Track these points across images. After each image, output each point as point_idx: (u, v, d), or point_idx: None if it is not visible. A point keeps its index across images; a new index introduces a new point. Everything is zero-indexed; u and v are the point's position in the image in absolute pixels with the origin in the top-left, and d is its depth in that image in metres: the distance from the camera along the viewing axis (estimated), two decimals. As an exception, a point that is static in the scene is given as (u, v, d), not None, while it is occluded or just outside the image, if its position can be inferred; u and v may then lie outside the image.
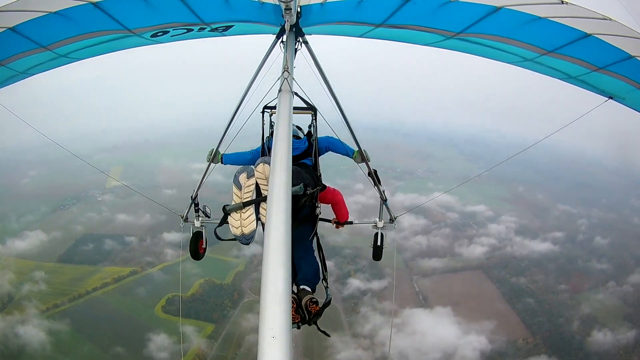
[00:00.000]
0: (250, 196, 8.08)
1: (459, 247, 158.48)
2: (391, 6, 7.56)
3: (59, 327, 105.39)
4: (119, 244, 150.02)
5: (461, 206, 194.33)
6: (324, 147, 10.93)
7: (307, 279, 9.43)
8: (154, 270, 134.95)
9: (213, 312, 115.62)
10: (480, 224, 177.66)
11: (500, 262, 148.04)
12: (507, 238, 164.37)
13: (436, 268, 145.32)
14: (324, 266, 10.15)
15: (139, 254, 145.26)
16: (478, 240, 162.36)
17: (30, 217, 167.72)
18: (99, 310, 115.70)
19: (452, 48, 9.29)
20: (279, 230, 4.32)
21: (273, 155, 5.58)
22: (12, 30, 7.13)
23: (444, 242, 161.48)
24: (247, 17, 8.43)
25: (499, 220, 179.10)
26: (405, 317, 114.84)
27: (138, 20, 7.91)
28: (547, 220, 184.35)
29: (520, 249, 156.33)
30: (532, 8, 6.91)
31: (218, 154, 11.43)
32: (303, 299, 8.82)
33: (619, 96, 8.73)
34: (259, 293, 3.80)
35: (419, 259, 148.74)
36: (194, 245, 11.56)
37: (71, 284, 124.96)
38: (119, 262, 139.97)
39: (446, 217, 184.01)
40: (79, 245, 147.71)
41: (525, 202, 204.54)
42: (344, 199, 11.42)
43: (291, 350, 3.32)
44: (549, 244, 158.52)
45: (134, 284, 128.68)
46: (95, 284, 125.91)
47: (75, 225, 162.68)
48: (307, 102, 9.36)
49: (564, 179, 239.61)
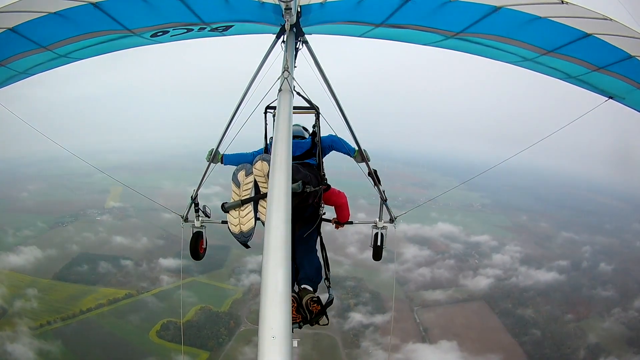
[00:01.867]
0: (248, 194, 8.15)
1: (464, 279, 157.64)
2: (391, 6, 7.66)
3: (49, 348, 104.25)
4: (115, 266, 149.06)
5: (465, 236, 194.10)
6: (327, 146, 11.02)
7: (308, 277, 9.62)
8: (150, 295, 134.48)
9: (208, 340, 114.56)
10: (485, 254, 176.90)
11: (506, 293, 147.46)
12: (512, 268, 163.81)
13: (440, 300, 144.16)
14: (327, 265, 10.23)
15: (134, 277, 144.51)
16: (483, 271, 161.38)
17: (26, 232, 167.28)
18: (93, 331, 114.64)
19: (452, 48, 9.37)
20: (279, 229, 4.38)
21: (273, 155, 5.62)
22: (12, 30, 7.26)
23: (448, 273, 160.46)
24: (247, 17, 8.54)
25: (504, 250, 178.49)
26: (408, 353, 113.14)
27: (138, 20, 8.03)
28: (551, 248, 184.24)
29: (525, 279, 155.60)
30: (532, 8, 7.01)
31: (218, 154, 11.50)
32: (304, 298, 8.98)
33: (619, 96, 8.82)
34: (259, 293, 3.83)
35: (422, 291, 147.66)
36: (194, 245, 11.61)
37: (65, 303, 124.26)
38: (114, 284, 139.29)
39: (450, 247, 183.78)
40: (75, 264, 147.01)
41: (529, 230, 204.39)
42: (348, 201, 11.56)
43: (291, 351, 3.37)
44: (555, 273, 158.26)
45: (129, 307, 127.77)
46: (90, 305, 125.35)
47: (71, 244, 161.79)
48: (310, 101, 9.46)
49: (566, 206, 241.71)
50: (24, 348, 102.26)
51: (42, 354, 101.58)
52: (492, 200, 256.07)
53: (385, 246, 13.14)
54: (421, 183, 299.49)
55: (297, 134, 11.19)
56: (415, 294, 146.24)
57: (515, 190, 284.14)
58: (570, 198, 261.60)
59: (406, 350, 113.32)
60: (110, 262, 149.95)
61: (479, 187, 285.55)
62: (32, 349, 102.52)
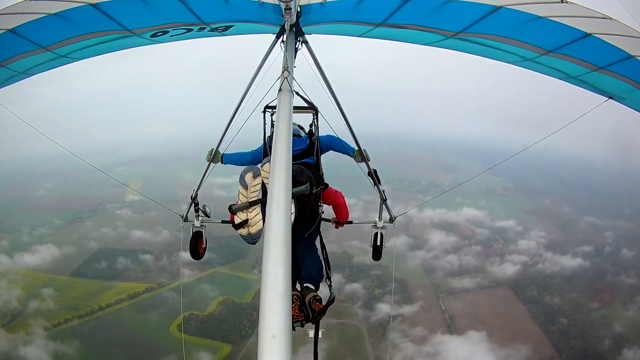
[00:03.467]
0: (256, 196, 8.12)
1: (491, 265, 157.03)
2: (391, 6, 7.71)
3: (65, 350, 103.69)
4: (134, 260, 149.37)
5: (490, 221, 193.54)
6: (325, 145, 11.12)
7: (310, 277, 9.71)
8: (170, 289, 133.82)
9: (231, 333, 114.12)
10: (511, 240, 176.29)
11: (532, 280, 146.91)
12: (537, 254, 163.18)
13: (467, 288, 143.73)
14: (328, 265, 10.29)
15: (154, 271, 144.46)
16: (509, 257, 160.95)
17: (42, 231, 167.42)
18: (112, 328, 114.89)
19: (452, 48, 9.41)
20: (279, 229, 4.42)
21: (273, 155, 5.69)
22: (12, 31, 7.34)
23: (475, 260, 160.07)
24: (247, 17, 8.62)
25: (529, 236, 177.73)
26: (436, 345, 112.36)
27: (138, 20, 8.10)
28: (574, 233, 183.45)
29: (551, 265, 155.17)
30: (532, 7, 7.03)
31: (218, 153, 11.73)
32: (306, 297, 9.06)
33: (619, 96, 8.82)
34: (260, 293, 3.89)
35: (449, 279, 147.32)
36: (193, 245, 11.91)
37: (84, 299, 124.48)
38: (134, 278, 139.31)
39: (476, 233, 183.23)
40: (93, 260, 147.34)
41: (552, 215, 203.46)
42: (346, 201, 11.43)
43: (291, 350, 3.40)
44: (580, 259, 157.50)
45: (150, 301, 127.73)
46: (109, 300, 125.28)
47: (89, 240, 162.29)
48: (309, 101, 9.57)
49: (587, 189, 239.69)
50: (38, 351, 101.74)
51: (57, 357, 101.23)
52: (514, 184, 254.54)
53: (385, 246, 13.09)
54: (444, 167, 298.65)
55: (293, 133, 11.02)
56: (442, 281, 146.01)
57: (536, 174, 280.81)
58: (590, 181, 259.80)
59: (434, 342, 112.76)
60: (130, 257, 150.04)
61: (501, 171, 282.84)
62: (47, 351, 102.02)
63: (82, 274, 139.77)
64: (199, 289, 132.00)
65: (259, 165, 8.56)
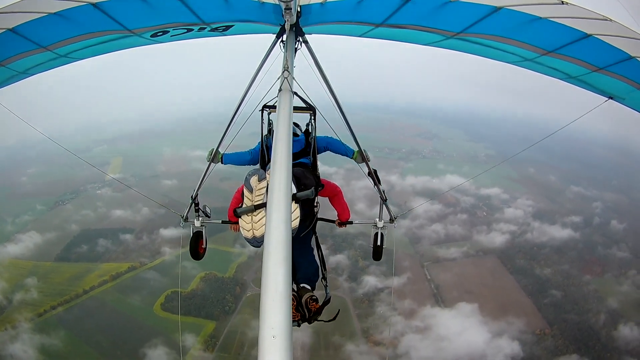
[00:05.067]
0: (261, 199, 8.21)
1: (478, 234, 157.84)
2: (391, 6, 7.79)
3: (51, 341, 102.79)
4: (115, 241, 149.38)
5: (475, 189, 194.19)
6: (322, 146, 11.28)
7: (307, 277, 9.86)
8: (152, 266, 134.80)
9: (214, 309, 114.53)
10: (497, 208, 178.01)
11: (520, 249, 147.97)
12: (525, 223, 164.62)
13: (455, 258, 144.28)
14: (323, 265, 10.49)
15: (136, 250, 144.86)
16: (497, 226, 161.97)
17: (25, 218, 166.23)
18: (97, 312, 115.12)
19: (452, 48, 9.52)
20: (279, 229, 4.47)
21: (273, 155, 5.72)
22: (12, 31, 7.41)
23: (461, 229, 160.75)
24: (247, 16, 8.70)
25: (516, 204, 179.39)
26: (425, 318, 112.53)
27: (138, 20, 8.19)
28: (562, 203, 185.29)
29: (540, 235, 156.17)
30: (532, 8, 7.10)
31: (218, 153, 11.80)
32: (303, 297, 9.24)
33: (619, 96, 8.93)
34: (260, 290, 3.94)
35: (436, 248, 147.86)
36: (194, 245, 12.00)
37: (68, 284, 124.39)
38: (116, 258, 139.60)
39: (461, 201, 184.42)
40: (75, 244, 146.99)
41: (538, 184, 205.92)
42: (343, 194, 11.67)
43: (291, 350, 3.43)
44: (570, 230, 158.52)
45: (132, 281, 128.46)
46: (93, 283, 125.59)
47: (70, 223, 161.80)
48: (307, 101, 9.70)
49: (571, 158, 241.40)
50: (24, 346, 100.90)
51: (44, 350, 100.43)
52: (496, 151, 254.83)
53: (385, 246, 13.34)
54: (426, 134, 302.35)
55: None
56: (427, 250, 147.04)
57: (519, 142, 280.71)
58: (575, 151, 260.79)
59: (424, 316, 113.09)
60: (110, 238, 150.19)
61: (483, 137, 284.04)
62: (32, 345, 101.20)
63: (65, 258, 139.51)
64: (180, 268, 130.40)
65: (264, 170, 8.92)
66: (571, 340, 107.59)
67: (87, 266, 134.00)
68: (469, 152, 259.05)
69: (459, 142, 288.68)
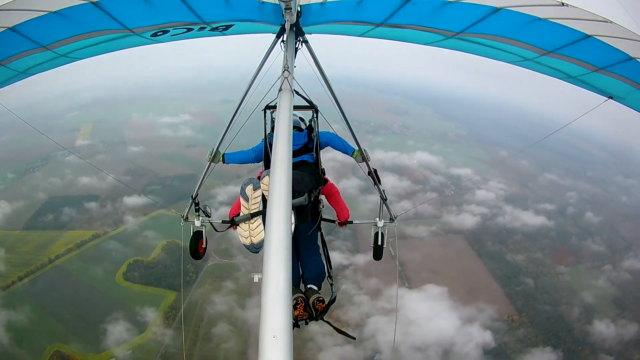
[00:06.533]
0: (257, 207, 8.54)
1: (448, 215, 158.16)
2: (391, 6, 7.83)
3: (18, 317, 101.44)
4: (80, 208, 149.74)
5: (445, 168, 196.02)
6: (323, 142, 11.39)
7: (313, 277, 10.26)
8: (114, 235, 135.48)
9: (175, 279, 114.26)
10: (467, 189, 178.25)
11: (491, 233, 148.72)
12: (496, 206, 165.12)
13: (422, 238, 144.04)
14: (329, 263, 10.82)
15: (99, 218, 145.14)
16: (468, 207, 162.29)
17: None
18: (62, 281, 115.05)
19: (452, 47, 9.56)
20: (280, 229, 4.49)
21: (273, 155, 5.75)
22: (12, 30, 7.30)
23: (431, 209, 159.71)
24: (247, 16, 8.66)
25: (487, 186, 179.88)
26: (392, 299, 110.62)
27: (138, 19, 8.14)
28: (535, 190, 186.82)
29: (512, 220, 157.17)
30: (532, 9, 7.17)
31: (219, 153, 11.70)
32: (311, 298, 9.58)
33: (619, 96, 8.99)
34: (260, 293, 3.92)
35: (403, 225, 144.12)
36: (194, 245, 11.93)
37: (35, 253, 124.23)
38: (82, 226, 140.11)
39: (430, 179, 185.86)
40: (43, 211, 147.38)
41: (510, 168, 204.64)
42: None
43: (292, 350, 3.42)
44: (543, 218, 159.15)
45: (96, 249, 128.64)
46: (58, 251, 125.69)
47: (38, 191, 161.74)
48: (309, 100, 9.66)
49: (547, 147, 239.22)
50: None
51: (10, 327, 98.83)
52: (467, 132, 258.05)
53: (386, 245, 13.33)
54: (395, 109, 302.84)
55: (294, 125, 11.41)
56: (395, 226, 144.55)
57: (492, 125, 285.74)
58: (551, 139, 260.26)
59: (390, 296, 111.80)
60: (75, 206, 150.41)
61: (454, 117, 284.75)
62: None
63: (32, 227, 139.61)
64: (142, 237, 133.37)
65: (258, 179, 8.95)
66: (540, 329, 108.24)
67: (53, 234, 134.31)
68: (439, 130, 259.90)
69: (429, 120, 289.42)
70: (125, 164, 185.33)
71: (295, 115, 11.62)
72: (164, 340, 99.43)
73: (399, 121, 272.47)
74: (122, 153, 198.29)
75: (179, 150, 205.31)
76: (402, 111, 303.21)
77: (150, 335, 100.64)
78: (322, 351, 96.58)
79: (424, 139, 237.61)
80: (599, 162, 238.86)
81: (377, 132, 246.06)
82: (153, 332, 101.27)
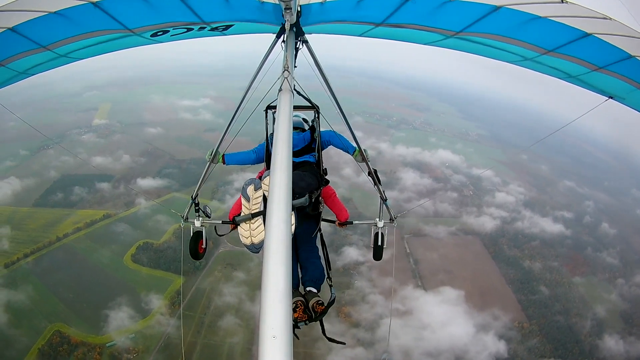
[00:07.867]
0: (258, 208, 8.61)
1: (467, 216, 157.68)
2: (391, 5, 7.89)
3: (19, 297, 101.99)
4: (91, 189, 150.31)
5: (466, 167, 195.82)
6: (325, 141, 11.60)
7: (313, 280, 10.32)
8: (126, 215, 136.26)
9: (185, 264, 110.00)
10: (487, 190, 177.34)
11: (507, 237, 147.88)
12: (516, 210, 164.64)
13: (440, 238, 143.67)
14: (328, 264, 10.87)
15: (112, 198, 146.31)
16: (488, 210, 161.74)
17: (7, 163, 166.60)
18: (68, 261, 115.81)
19: (452, 47, 9.60)
20: (280, 229, 4.46)
21: (273, 155, 5.72)
22: (12, 30, 7.43)
23: (451, 208, 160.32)
24: (247, 16, 8.77)
25: (507, 190, 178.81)
26: (406, 301, 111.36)
27: (138, 19, 8.25)
28: (554, 196, 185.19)
29: (531, 225, 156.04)
30: (532, 7, 7.20)
31: (218, 154, 11.91)
32: (310, 301, 9.71)
33: (619, 96, 9.03)
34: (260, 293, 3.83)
35: (422, 224, 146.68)
36: (193, 245, 11.98)
37: (43, 230, 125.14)
38: (93, 205, 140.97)
39: (451, 178, 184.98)
40: (54, 189, 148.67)
41: (530, 172, 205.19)
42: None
43: (291, 350, 3.41)
44: (561, 225, 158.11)
45: (105, 229, 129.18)
46: (67, 230, 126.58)
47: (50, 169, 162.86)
48: (310, 100, 9.80)
49: (565, 153, 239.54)
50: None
51: (9, 306, 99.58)
52: (488, 132, 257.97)
53: (386, 246, 13.40)
54: (417, 105, 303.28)
55: (297, 126, 11.72)
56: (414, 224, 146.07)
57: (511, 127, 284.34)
58: (569, 146, 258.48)
59: (404, 297, 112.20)
60: (87, 186, 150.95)
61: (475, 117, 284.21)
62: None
63: (42, 204, 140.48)
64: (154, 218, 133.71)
65: (259, 179, 8.98)
66: (549, 339, 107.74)
67: (62, 212, 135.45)
68: (460, 129, 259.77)
69: (450, 118, 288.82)
70: (142, 145, 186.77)
71: (298, 116, 11.87)
72: (168, 324, 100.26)
73: (421, 117, 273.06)
74: (140, 134, 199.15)
75: (197, 134, 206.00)
76: (424, 108, 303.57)
77: (153, 321, 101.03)
78: (331, 352, 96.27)
79: (446, 137, 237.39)
80: (615, 172, 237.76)
81: (399, 127, 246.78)
82: (157, 319, 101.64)
